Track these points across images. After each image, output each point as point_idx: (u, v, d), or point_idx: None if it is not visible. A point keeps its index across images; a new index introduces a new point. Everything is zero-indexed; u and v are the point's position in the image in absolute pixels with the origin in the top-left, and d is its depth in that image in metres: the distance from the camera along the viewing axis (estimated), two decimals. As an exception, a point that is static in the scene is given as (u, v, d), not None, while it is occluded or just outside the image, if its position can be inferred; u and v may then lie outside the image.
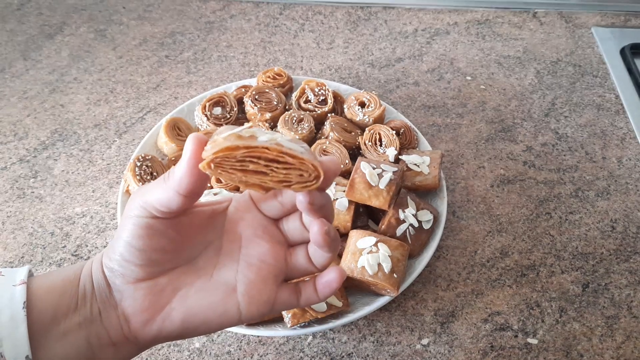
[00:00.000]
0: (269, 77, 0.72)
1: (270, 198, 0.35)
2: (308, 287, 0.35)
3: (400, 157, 0.62)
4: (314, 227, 0.32)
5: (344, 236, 0.57)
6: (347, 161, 0.62)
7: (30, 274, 0.33)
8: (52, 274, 0.34)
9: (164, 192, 0.30)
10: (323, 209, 0.32)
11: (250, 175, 0.28)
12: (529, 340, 0.54)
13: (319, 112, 0.68)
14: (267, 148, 0.27)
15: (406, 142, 0.66)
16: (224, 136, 0.27)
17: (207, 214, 0.34)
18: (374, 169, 0.56)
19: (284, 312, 0.50)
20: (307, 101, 0.70)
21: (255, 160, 0.27)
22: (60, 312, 0.31)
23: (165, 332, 0.33)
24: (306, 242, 0.35)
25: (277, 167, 0.28)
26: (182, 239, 0.33)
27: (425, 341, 0.54)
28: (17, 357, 0.29)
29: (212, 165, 0.27)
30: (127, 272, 0.32)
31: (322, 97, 0.69)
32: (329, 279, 0.34)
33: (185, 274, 0.34)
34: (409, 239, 0.56)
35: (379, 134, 0.64)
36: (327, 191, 0.56)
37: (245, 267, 0.34)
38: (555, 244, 0.62)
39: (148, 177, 0.60)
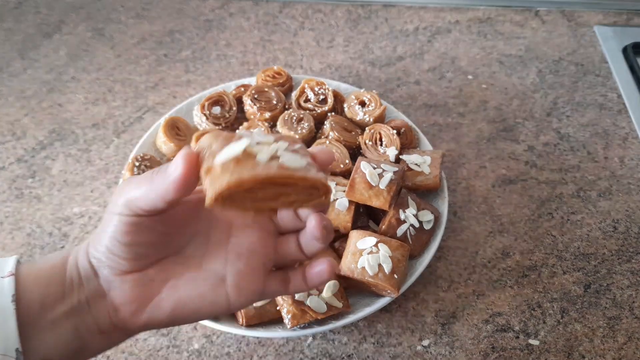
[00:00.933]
0: (269, 76, 0.71)
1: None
2: (297, 276, 0.35)
3: (400, 156, 0.62)
4: (312, 221, 0.32)
5: (344, 236, 0.57)
6: (347, 161, 0.61)
7: (17, 263, 0.33)
8: (38, 262, 0.33)
9: (149, 194, 0.29)
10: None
11: (260, 202, 0.27)
12: (531, 341, 0.53)
13: (319, 111, 0.67)
14: (273, 176, 0.26)
15: (407, 142, 0.66)
16: (222, 163, 0.25)
17: (194, 202, 0.34)
18: (374, 168, 0.56)
19: (283, 313, 0.50)
20: (307, 100, 0.69)
21: (262, 187, 0.26)
22: (48, 302, 0.31)
23: (154, 321, 0.33)
24: (297, 230, 0.35)
25: (285, 190, 0.27)
26: (170, 231, 0.33)
27: (426, 342, 0.53)
28: (6, 350, 0.29)
29: (221, 203, 0.26)
30: (113, 265, 0.32)
31: (322, 96, 0.69)
32: (320, 270, 0.34)
33: (174, 264, 0.33)
34: (409, 239, 0.55)
35: (380, 133, 0.64)
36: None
37: (234, 257, 0.34)
38: (556, 244, 0.62)
39: (146, 177, 0.60)
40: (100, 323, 0.32)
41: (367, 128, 0.65)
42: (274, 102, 0.67)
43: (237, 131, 0.28)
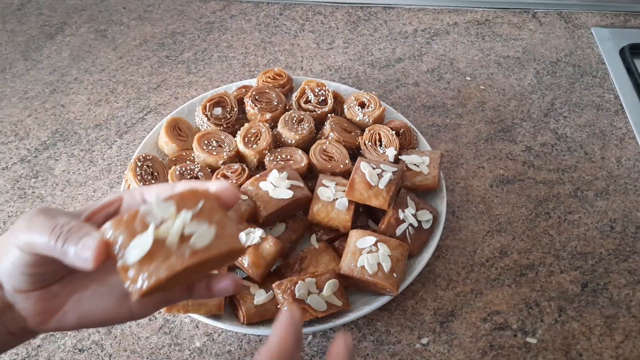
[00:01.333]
0: (269, 77, 0.72)
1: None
2: (201, 285, 0.36)
3: (400, 157, 0.63)
4: None
5: (343, 236, 0.58)
6: (347, 161, 0.62)
7: None
8: None
9: (51, 251, 0.29)
10: None
11: (182, 279, 0.28)
12: (528, 339, 0.54)
13: (319, 112, 0.68)
14: (189, 265, 0.27)
15: (406, 142, 0.67)
16: (136, 262, 0.26)
17: (100, 222, 0.34)
18: (373, 169, 0.56)
19: (284, 312, 0.50)
20: (307, 101, 0.70)
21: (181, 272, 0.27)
22: None
23: (62, 328, 0.34)
24: None
25: (203, 265, 0.28)
26: None
27: (424, 340, 0.54)
28: None
29: (145, 296, 0.27)
30: (16, 285, 0.32)
31: (322, 98, 0.70)
32: (225, 285, 0.35)
33: (79, 278, 0.34)
34: (408, 238, 0.56)
35: (379, 134, 0.65)
36: (327, 191, 0.57)
37: None
38: (554, 243, 0.62)
39: (149, 177, 0.60)
40: (9, 327, 0.33)
41: (366, 129, 0.66)
42: (275, 103, 0.68)
43: (140, 208, 0.29)
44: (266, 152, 0.62)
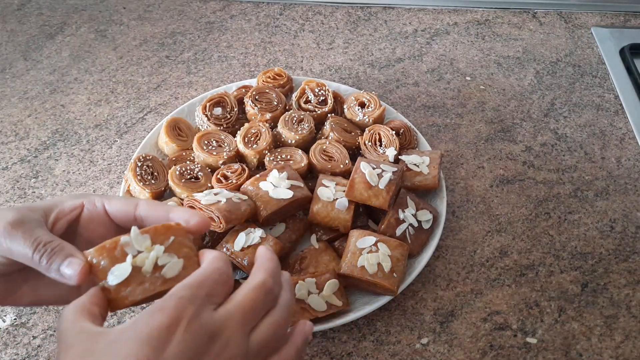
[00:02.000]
0: (269, 77, 0.72)
1: (129, 219, 0.37)
2: None
3: (400, 157, 0.63)
4: None
5: (344, 236, 0.58)
6: (347, 161, 0.62)
7: None
8: None
9: (33, 264, 0.32)
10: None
11: (154, 299, 0.32)
12: (528, 339, 0.54)
13: (319, 112, 0.68)
14: (160, 292, 0.31)
15: (406, 143, 0.67)
16: (116, 285, 0.31)
17: (64, 228, 0.36)
18: (373, 169, 0.56)
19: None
20: (307, 101, 0.70)
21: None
22: None
23: (15, 305, 0.39)
24: None
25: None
26: None
27: (424, 340, 0.54)
28: None
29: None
30: None
31: (322, 98, 0.70)
32: None
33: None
34: (408, 238, 0.56)
35: (379, 134, 0.65)
36: (327, 191, 0.57)
37: None
38: (554, 243, 0.62)
39: (149, 177, 0.60)
40: None
41: (366, 129, 0.66)
42: (275, 103, 0.68)
43: (120, 239, 0.32)
44: (266, 152, 0.62)
